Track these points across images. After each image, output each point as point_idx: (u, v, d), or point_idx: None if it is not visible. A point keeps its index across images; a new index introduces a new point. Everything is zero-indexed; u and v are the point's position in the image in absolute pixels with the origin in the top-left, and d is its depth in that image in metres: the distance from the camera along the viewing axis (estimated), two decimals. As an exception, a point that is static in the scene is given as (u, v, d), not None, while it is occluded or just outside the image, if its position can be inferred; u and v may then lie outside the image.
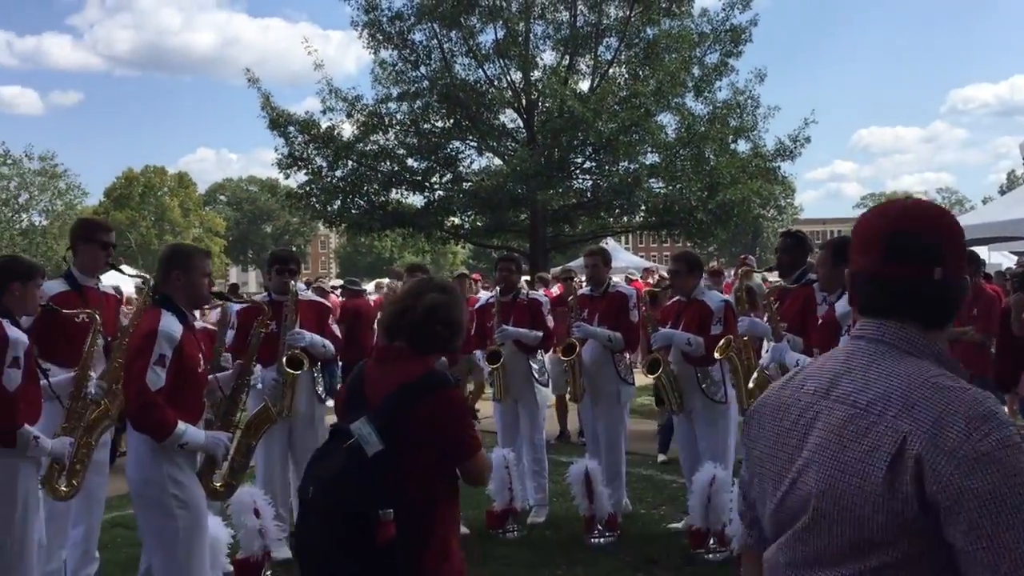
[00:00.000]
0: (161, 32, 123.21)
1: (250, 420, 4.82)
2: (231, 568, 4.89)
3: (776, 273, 6.15)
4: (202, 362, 4.15)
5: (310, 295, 6.74)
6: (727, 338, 5.65)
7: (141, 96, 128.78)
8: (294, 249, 70.18)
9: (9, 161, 52.73)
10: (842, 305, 4.41)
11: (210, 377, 4.39)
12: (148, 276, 5.23)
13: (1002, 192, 65.67)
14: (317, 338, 6.04)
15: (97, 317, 4.59)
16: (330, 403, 12.08)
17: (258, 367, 5.24)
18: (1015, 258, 19.52)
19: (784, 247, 5.64)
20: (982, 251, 16.07)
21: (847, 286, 1.75)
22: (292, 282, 6.08)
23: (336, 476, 2.72)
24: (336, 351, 6.34)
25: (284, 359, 5.84)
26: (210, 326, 6.52)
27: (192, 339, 4.09)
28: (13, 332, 4.09)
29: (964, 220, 13.73)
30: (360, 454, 2.71)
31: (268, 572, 5.35)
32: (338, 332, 6.52)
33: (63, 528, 4.89)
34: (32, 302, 4.36)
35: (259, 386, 5.25)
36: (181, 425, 3.87)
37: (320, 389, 6.31)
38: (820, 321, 4.79)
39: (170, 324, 3.92)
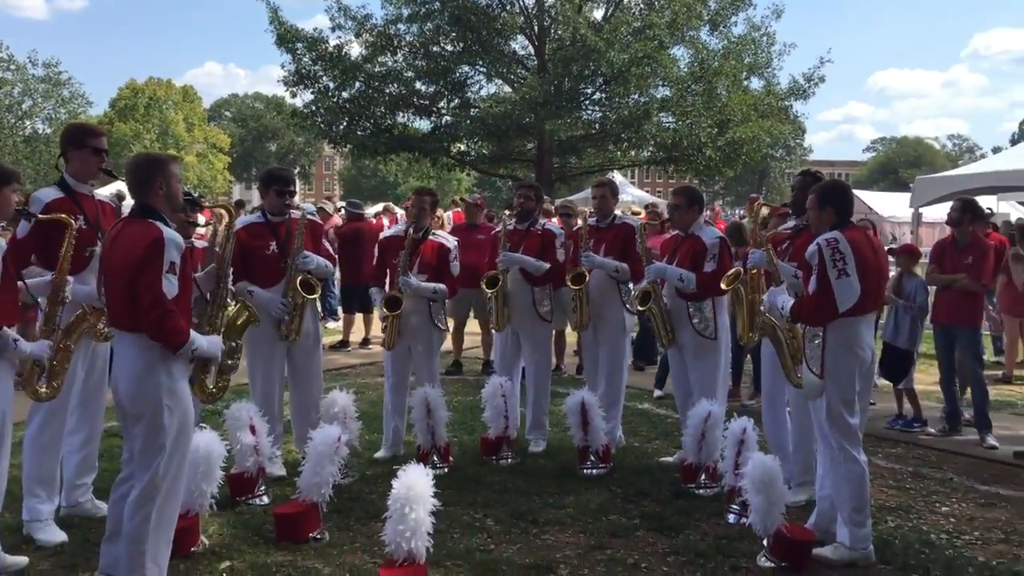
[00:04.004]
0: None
1: (229, 321, 4.90)
2: (223, 482, 4.91)
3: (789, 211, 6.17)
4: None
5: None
6: (735, 270, 5.64)
7: (149, 4, 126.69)
8: (298, 169, 69.51)
9: (13, 67, 52.06)
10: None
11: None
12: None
13: (1013, 142, 65.05)
14: (321, 260, 6.08)
15: (73, 223, 4.52)
16: (330, 324, 12.29)
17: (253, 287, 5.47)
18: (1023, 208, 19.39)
19: (801, 185, 5.70)
20: (990, 200, 15.98)
21: None
22: (297, 204, 6.03)
23: None
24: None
25: (299, 282, 5.83)
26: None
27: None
28: None
29: (974, 168, 13.58)
30: None
31: (263, 488, 5.42)
32: (331, 250, 6.55)
33: (59, 434, 4.91)
34: (8, 207, 4.32)
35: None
36: (192, 333, 3.88)
37: (319, 309, 6.30)
38: None
39: (172, 232, 3.85)
